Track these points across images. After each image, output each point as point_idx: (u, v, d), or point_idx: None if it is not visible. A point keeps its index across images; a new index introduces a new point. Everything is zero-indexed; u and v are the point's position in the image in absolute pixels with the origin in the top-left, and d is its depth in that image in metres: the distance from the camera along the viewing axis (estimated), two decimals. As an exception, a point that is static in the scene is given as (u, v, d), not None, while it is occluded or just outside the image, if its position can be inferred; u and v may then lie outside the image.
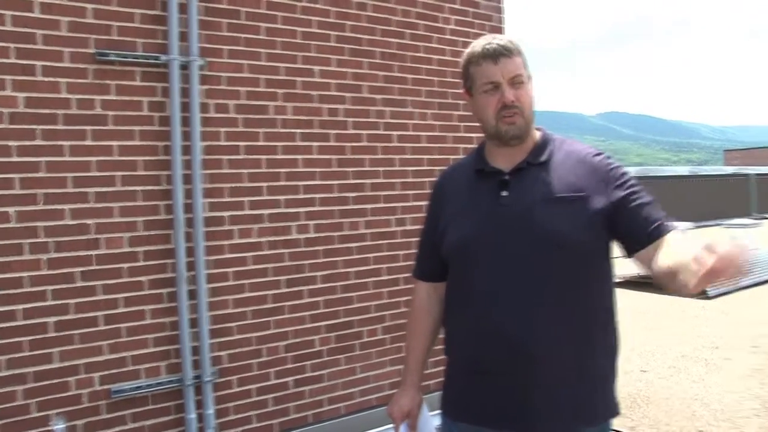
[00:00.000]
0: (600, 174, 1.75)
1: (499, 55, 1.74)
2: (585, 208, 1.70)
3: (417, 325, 2.04)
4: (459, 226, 1.83)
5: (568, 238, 1.69)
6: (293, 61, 3.69)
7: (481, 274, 1.77)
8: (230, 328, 3.51)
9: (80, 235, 3.10)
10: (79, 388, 3.11)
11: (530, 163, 1.79)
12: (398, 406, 1.99)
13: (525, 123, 1.77)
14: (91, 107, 3.12)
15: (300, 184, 3.72)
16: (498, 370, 1.76)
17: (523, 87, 1.76)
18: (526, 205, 1.73)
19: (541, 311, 1.70)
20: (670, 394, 5.08)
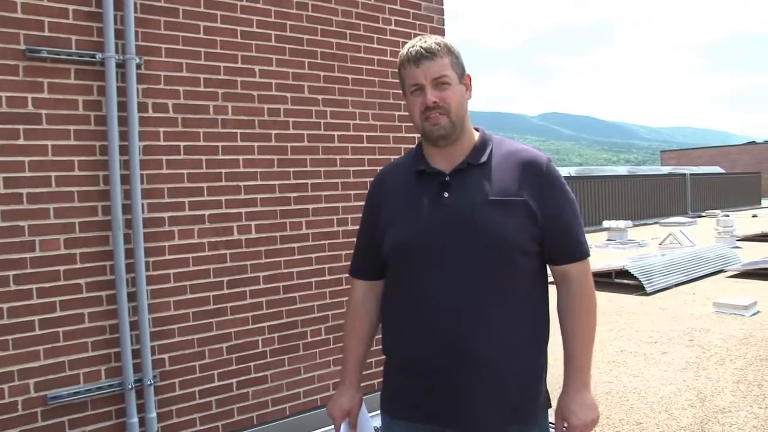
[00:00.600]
0: (536, 179, 1.79)
1: (421, 57, 1.76)
2: (522, 211, 1.75)
3: (354, 324, 2.04)
4: (400, 226, 1.83)
5: (507, 240, 1.73)
6: (233, 61, 3.66)
7: (421, 274, 1.79)
8: (171, 330, 3.47)
9: (13, 237, 3.02)
10: (12, 395, 3.03)
11: (470, 164, 1.81)
12: (338, 405, 2.00)
13: (450, 123, 1.78)
14: (23, 105, 3.04)
15: (241, 185, 3.70)
16: (434, 368, 1.78)
17: (449, 88, 1.77)
18: (467, 207, 1.75)
19: (477, 310, 1.74)
20: (610, 388, 5.20)
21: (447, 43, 1.80)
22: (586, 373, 1.83)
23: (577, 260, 1.84)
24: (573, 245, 1.83)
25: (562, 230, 1.80)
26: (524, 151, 1.86)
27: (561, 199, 1.81)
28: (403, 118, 4.39)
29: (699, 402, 4.75)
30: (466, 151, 1.83)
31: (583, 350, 1.83)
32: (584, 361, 1.83)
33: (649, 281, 9.47)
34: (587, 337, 1.84)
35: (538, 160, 1.83)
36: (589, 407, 1.79)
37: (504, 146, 1.87)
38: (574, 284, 1.83)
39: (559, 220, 1.79)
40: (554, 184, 1.81)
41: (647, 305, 8.49)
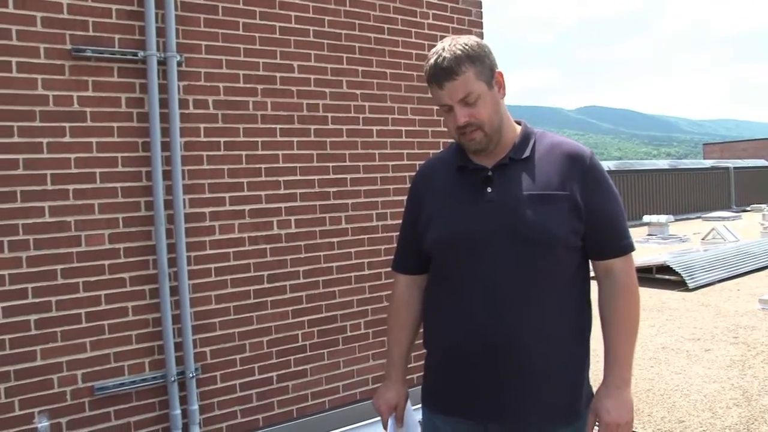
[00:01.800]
0: (580, 173, 1.77)
1: (442, 80, 1.72)
2: (566, 205, 1.73)
3: (398, 318, 2.04)
4: (442, 221, 1.83)
5: (549, 234, 1.72)
6: (272, 57, 3.69)
7: (462, 268, 1.79)
8: (213, 323, 3.51)
9: (60, 233, 3.09)
10: (62, 385, 3.10)
11: (513, 159, 1.80)
12: (384, 400, 2.00)
13: (485, 137, 1.76)
14: (68, 103, 3.11)
15: (281, 179, 3.73)
16: (473, 362, 1.77)
17: (479, 102, 1.73)
18: (510, 201, 1.75)
19: (517, 305, 1.73)
20: (651, 385, 5.13)
21: (468, 53, 1.73)
22: (626, 369, 1.78)
23: (622, 255, 1.81)
24: (617, 239, 1.80)
25: (606, 224, 1.78)
26: (567, 144, 1.84)
27: (605, 193, 1.79)
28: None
29: (745, 401, 4.65)
30: (508, 146, 1.82)
31: (624, 345, 1.79)
32: (625, 357, 1.79)
33: (691, 277, 9.31)
34: (630, 332, 1.80)
35: (582, 153, 1.81)
36: (626, 407, 1.74)
37: (546, 140, 1.85)
38: (618, 278, 1.80)
39: (604, 214, 1.77)
40: (598, 178, 1.79)
41: (689, 301, 8.35)
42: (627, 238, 1.82)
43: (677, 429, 4.24)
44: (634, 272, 1.84)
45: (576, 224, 1.75)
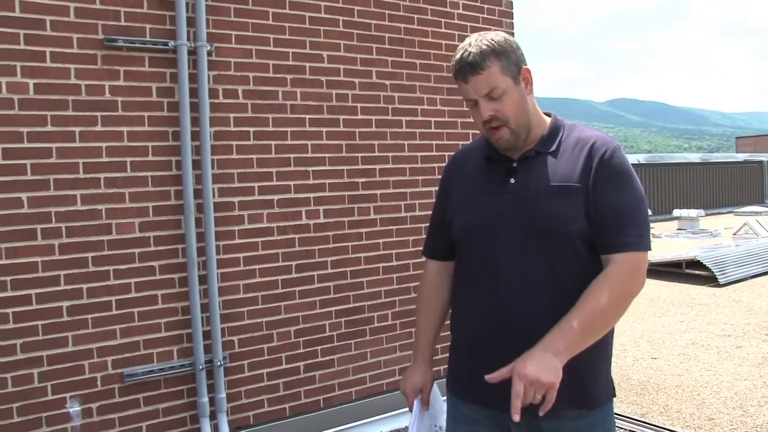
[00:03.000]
0: (595, 165, 1.74)
1: (467, 74, 1.72)
2: (580, 198, 1.72)
3: (426, 302, 2.06)
4: (466, 210, 1.87)
5: (563, 227, 1.72)
6: (302, 47, 3.69)
7: (483, 257, 1.81)
8: (241, 312, 3.53)
9: (91, 221, 3.12)
10: (92, 371, 3.15)
11: (538, 152, 1.80)
12: (410, 383, 2.00)
13: (512, 133, 1.76)
14: (100, 93, 3.13)
15: (309, 170, 3.73)
16: (492, 349, 1.78)
17: (504, 97, 1.73)
18: (529, 193, 1.76)
19: (534, 295, 1.74)
20: (680, 381, 5.06)
21: (494, 47, 1.72)
22: (561, 341, 1.62)
23: (624, 250, 1.70)
24: (619, 235, 1.70)
25: (610, 219, 1.71)
26: (592, 137, 1.81)
27: (618, 186, 1.73)
28: (471, 103, 4.34)
29: (778, 399, 4.57)
30: (536, 139, 1.82)
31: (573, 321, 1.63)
32: (567, 331, 1.63)
33: (722, 272, 9.16)
34: (589, 314, 1.64)
35: (603, 144, 1.78)
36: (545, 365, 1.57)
37: (574, 133, 1.84)
38: (609, 267, 1.70)
39: (609, 207, 1.71)
40: (613, 171, 1.74)
41: (720, 297, 8.22)
42: (636, 235, 1.71)
43: (707, 426, 4.17)
44: (637, 272, 1.71)
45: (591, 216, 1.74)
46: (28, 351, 3.00)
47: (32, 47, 2.98)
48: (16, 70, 2.95)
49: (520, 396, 1.56)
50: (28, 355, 3.00)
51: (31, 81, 2.98)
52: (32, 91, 2.99)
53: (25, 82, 2.97)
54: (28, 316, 3.00)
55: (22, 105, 2.97)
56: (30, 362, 3.01)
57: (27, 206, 2.99)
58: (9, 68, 2.94)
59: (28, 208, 2.99)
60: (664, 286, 8.98)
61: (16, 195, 2.96)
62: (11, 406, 2.98)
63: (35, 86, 2.99)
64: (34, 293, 3.01)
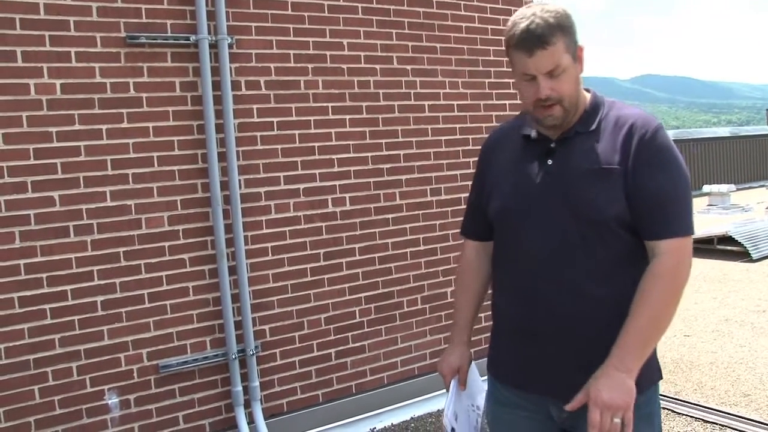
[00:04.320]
0: (635, 146, 1.67)
1: (533, 47, 1.61)
2: (617, 181, 1.66)
3: (465, 282, 2.03)
4: (503, 192, 1.83)
5: (598, 210, 1.66)
6: (322, 35, 3.69)
7: (519, 239, 1.78)
8: (271, 302, 3.58)
9: (121, 216, 3.18)
10: (128, 363, 3.21)
11: (578, 132, 1.74)
12: (447, 363, 1.99)
13: (563, 112, 1.69)
14: (125, 90, 3.17)
15: (334, 158, 3.75)
16: (535, 335, 1.76)
17: (563, 75, 1.65)
18: (568, 175, 1.71)
19: (570, 280, 1.70)
20: (714, 358, 5.01)
21: (561, 22, 1.63)
22: (632, 357, 1.60)
23: (668, 237, 1.65)
24: (664, 220, 1.65)
25: (652, 203, 1.65)
26: (633, 116, 1.73)
27: (660, 169, 1.66)
28: (494, 85, 4.32)
29: (815, 374, 4.51)
30: (576, 117, 1.75)
31: (639, 332, 1.62)
32: (635, 345, 1.61)
33: (755, 247, 9.02)
34: (652, 320, 1.63)
35: (645, 124, 1.69)
36: (621, 389, 1.57)
37: (614, 111, 1.77)
38: (659, 261, 1.65)
39: (650, 191, 1.64)
40: (654, 152, 1.67)
41: (753, 272, 8.10)
42: (679, 220, 1.66)
43: (742, 402, 4.13)
44: (683, 260, 1.66)
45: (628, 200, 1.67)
46: (66, 345, 3.08)
47: (57, 48, 3.03)
48: (43, 72, 3.00)
49: (597, 426, 1.55)
50: (66, 349, 3.08)
51: (58, 81, 3.03)
52: (59, 91, 3.04)
53: (53, 83, 3.02)
54: (64, 311, 3.07)
55: (51, 105, 3.02)
56: (68, 356, 3.08)
57: (59, 204, 3.05)
58: (36, 70, 2.99)
59: (60, 206, 3.05)
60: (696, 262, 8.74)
61: (48, 194, 3.02)
62: (53, 399, 3.06)
63: (62, 86, 3.04)
64: (70, 289, 3.08)
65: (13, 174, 2.96)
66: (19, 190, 2.97)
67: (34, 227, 3.00)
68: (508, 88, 4.38)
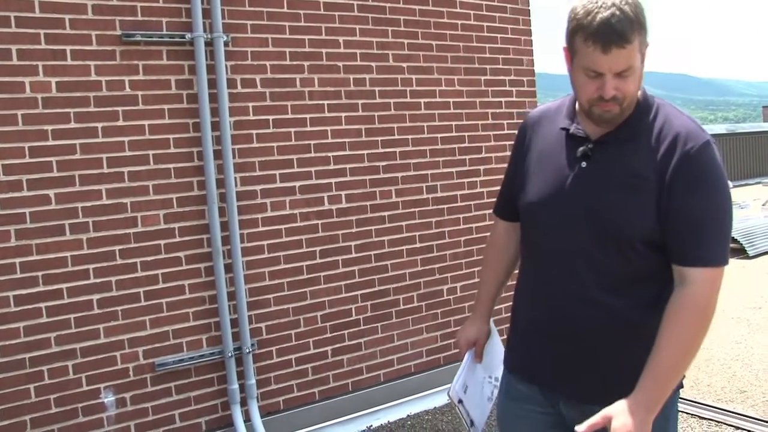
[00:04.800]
0: (675, 161, 1.54)
1: (611, 43, 1.45)
2: (649, 197, 1.56)
3: (491, 258, 2.02)
4: (531, 187, 1.75)
5: (628, 229, 1.57)
6: (317, 33, 3.69)
7: (541, 242, 1.73)
8: (267, 299, 3.58)
9: (117, 214, 3.18)
10: (124, 362, 3.21)
11: (619, 138, 1.61)
12: (464, 335, 2.00)
13: (620, 112, 1.57)
14: (120, 88, 3.17)
15: (330, 155, 3.74)
16: (550, 336, 1.72)
17: (632, 76, 1.52)
18: (598, 184, 1.61)
19: (594, 291, 1.63)
20: (710, 354, 5.02)
21: (639, 18, 1.48)
22: (659, 391, 1.52)
23: (698, 266, 1.53)
24: (698, 247, 1.53)
25: (686, 226, 1.53)
26: (680, 126, 1.58)
27: (697, 190, 1.53)
28: (489, 82, 4.32)
29: (810, 371, 4.53)
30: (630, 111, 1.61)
31: (667, 364, 1.52)
32: (664, 378, 1.52)
33: (751, 244, 9.04)
34: (680, 352, 1.53)
35: (689, 139, 1.55)
36: (637, 426, 1.48)
37: (662, 117, 1.62)
38: (688, 290, 1.54)
39: (684, 213, 1.53)
40: (697, 172, 1.53)
41: (750, 269, 8.12)
42: (714, 248, 1.54)
43: (738, 399, 4.15)
44: (714, 292, 1.55)
45: (658, 218, 1.57)
46: (62, 344, 3.07)
47: (53, 46, 3.02)
48: (39, 70, 3.00)
49: None
50: (62, 347, 3.07)
51: (53, 79, 3.03)
52: (55, 89, 3.03)
53: (48, 81, 3.02)
54: (60, 309, 3.07)
55: (46, 103, 3.02)
56: (64, 355, 3.08)
57: (54, 202, 3.04)
58: (32, 68, 2.98)
59: (55, 204, 3.05)
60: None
61: (43, 192, 3.02)
62: (48, 398, 3.06)
63: (57, 84, 3.04)
64: (65, 287, 3.07)
65: (9, 172, 2.95)
66: (15, 188, 2.96)
67: (30, 225, 3.00)
68: (504, 85, 4.39)
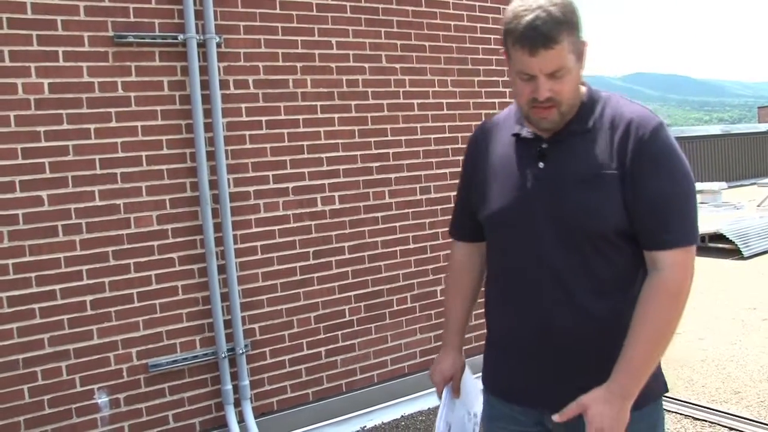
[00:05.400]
0: (633, 146, 1.53)
1: (538, 46, 1.44)
2: (614, 187, 1.53)
3: (455, 284, 1.91)
4: (491, 196, 1.69)
5: (601, 222, 1.54)
6: (310, 34, 3.70)
7: (510, 249, 1.68)
8: (261, 300, 3.58)
9: (110, 215, 3.18)
10: (118, 363, 3.22)
11: (572, 132, 1.59)
12: (439, 371, 1.88)
13: (559, 116, 1.55)
14: (113, 89, 3.17)
15: (323, 156, 3.75)
16: (527, 350, 1.67)
17: (566, 76, 1.50)
18: (560, 182, 1.58)
19: (572, 295, 1.59)
20: (705, 355, 5.03)
21: (568, 18, 1.46)
22: (633, 380, 1.51)
23: (669, 248, 1.51)
24: (665, 229, 1.51)
25: (651, 209, 1.51)
26: (630, 113, 1.57)
27: (658, 172, 1.51)
28: (483, 83, 4.33)
29: (804, 371, 4.54)
30: (571, 114, 1.59)
31: (641, 353, 1.51)
32: (637, 367, 1.51)
33: (746, 245, 9.06)
34: (653, 340, 1.51)
35: (641, 124, 1.54)
36: (620, 422, 1.49)
37: (612, 107, 1.60)
38: (659, 276, 1.52)
39: (650, 196, 1.51)
40: (656, 153, 1.52)
41: (745, 270, 8.14)
42: (682, 228, 1.52)
43: (733, 400, 4.16)
44: (686, 274, 1.53)
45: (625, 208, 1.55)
46: (55, 345, 3.07)
47: (45, 47, 3.02)
48: (31, 71, 3.00)
49: None
50: (55, 348, 3.08)
51: (45, 81, 3.03)
52: (47, 90, 3.04)
53: (40, 82, 3.02)
54: (53, 311, 3.07)
55: (38, 105, 3.02)
56: (58, 356, 3.08)
57: (47, 204, 3.05)
58: (24, 69, 2.99)
59: (48, 205, 3.05)
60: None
61: (36, 193, 3.02)
62: (42, 399, 3.06)
63: (50, 86, 3.04)
64: (59, 288, 3.08)
65: (1, 173, 2.95)
66: (7, 189, 2.97)
67: (23, 227, 3.00)
68: (497, 86, 4.40)
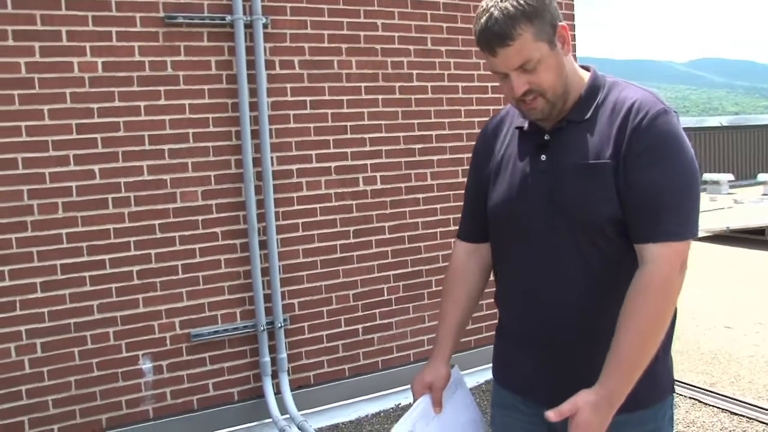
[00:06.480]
0: (629, 134, 1.48)
1: (495, 46, 1.44)
2: (609, 177, 1.48)
3: (451, 290, 1.81)
4: (495, 191, 1.67)
5: (591, 213, 1.50)
6: (356, 16, 3.74)
7: (513, 244, 1.66)
8: (300, 276, 3.67)
9: (157, 190, 3.30)
10: (162, 331, 3.36)
11: (571, 121, 1.56)
12: (419, 377, 1.73)
13: (548, 104, 1.52)
14: (163, 68, 3.28)
15: (366, 137, 3.80)
16: (530, 342, 1.66)
17: (539, 66, 1.46)
18: (559, 173, 1.55)
19: (570, 289, 1.56)
20: (755, 351, 4.90)
21: (524, 9, 1.43)
22: (623, 381, 1.44)
23: (658, 240, 1.44)
24: (655, 221, 1.44)
25: (641, 200, 1.45)
26: (632, 98, 1.52)
27: (652, 161, 1.45)
28: (529, 67, 4.30)
29: None
30: (570, 104, 1.57)
31: (629, 351, 1.44)
32: (627, 366, 1.44)
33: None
34: (641, 337, 1.44)
35: (641, 108, 1.49)
36: (595, 418, 1.41)
37: (614, 94, 1.56)
38: (648, 270, 1.44)
39: (641, 186, 1.45)
40: (650, 141, 1.45)
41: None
42: (674, 222, 1.44)
43: (777, 393, 4.07)
44: (674, 270, 1.44)
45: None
46: (103, 311, 3.23)
47: (99, 28, 3.15)
48: (86, 50, 3.13)
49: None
50: (103, 315, 3.23)
51: (99, 60, 3.16)
52: (101, 69, 3.16)
53: (95, 61, 3.15)
54: (102, 279, 3.22)
55: (92, 83, 3.15)
56: (105, 322, 3.24)
57: (99, 177, 3.19)
58: (80, 48, 3.12)
59: (99, 179, 3.19)
60: (744, 253, 8.65)
61: (89, 167, 3.17)
62: (91, 362, 3.23)
63: (103, 65, 3.17)
64: (108, 258, 3.22)
65: (57, 148, 3.10)
66: (63, 163, 3.12)
67: (76, 198, 3.15)
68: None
